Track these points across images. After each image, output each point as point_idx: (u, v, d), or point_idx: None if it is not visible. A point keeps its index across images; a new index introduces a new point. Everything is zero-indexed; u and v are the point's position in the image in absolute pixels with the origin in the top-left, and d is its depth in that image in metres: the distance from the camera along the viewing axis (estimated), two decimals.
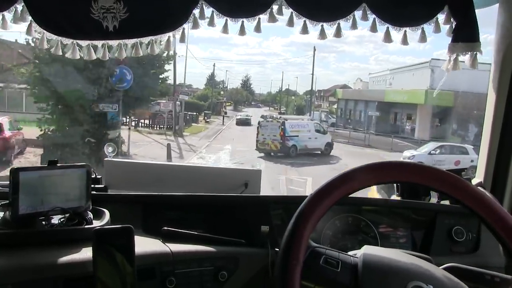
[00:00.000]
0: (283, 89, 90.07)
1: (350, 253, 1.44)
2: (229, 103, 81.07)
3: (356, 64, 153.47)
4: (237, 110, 73.58)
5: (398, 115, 38.43)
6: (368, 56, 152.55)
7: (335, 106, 63.78)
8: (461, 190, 1.20)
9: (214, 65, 77.49)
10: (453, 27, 2.09)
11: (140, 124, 32.01)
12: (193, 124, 39.36)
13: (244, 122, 45.63)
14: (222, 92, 73.60)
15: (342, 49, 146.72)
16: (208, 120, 45.65)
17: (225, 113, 58.32)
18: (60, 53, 2.07)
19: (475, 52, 2.07)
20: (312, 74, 59.39)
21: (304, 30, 2.08)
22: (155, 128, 31.91)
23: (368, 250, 1.30)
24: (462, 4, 2.04)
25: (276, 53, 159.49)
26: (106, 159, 2.29)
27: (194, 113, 43.04)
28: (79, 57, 2.09)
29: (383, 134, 32.37)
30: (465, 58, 2.10)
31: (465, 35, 2.07)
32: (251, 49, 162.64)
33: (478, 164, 2.25)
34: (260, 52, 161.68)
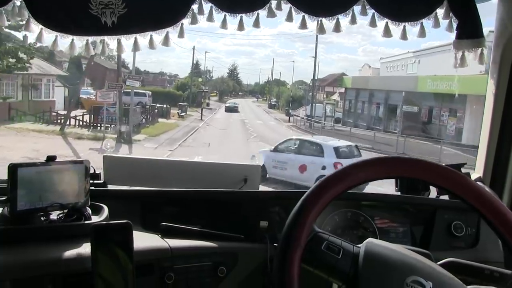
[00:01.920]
0: (271, 80, 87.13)
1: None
2: (214, 94, 77.07)
3: (345, 55, 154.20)
4: (223, 101, 70.57)
5: (435, 110, 28.92)
6: (356, 47, 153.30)
7: (334, 97, 55.52)
8: (461, 185, 1.20)
9: (193, 48, 62.40)
10: (452, 22, 2.09)
11: (77, 122, 25.61)
12: (160, 120, 32.56)
13: (232, 109, 49.09)
14: (200, 79, 65.52)
15: (330, 40, 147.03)
16: (182, 114, 38.92)
17: (208, 104, 55.26)
18: (58, 48, 2.07)
19: (481, 48, 2.08)
20: (315, 56, 46.80)
21: (303, 26, 2.08)
22: (100, 128, 24.67)
23: (371, 242, 1.30)
24: None
25: (264, 44, 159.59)
26: (104, 154, 2.29)
27: (164, 106, 36.67)
28: (77, 53, 2.09)
29: (419, 137, 25.52)
30: (471, 55, 2.11)
31: (469, 31, 2.07)
32: (239, 39, 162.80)
33: (477, 159, 2.24)
34: (248, 43, 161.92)
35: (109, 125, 24.59)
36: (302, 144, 15.45)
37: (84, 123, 25.99)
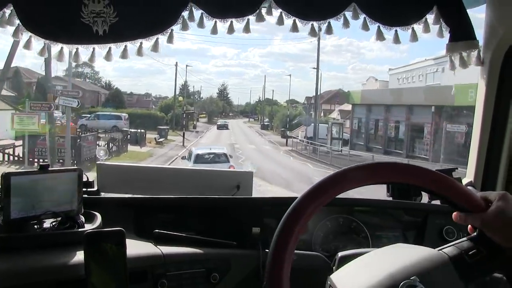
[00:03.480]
0: (263, 99, 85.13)
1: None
2: (203, 115, 75.01)
3: (334, 73, 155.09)
4: (212, 122, 68.96)
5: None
6: (346, 65, 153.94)
7: (333, 115, 48.49)
8: (453, 190, 1.20)
9: (176, 64, 54.26)
10: (442, 28, 2.11)
11: (6, 156, 20.07)
12: (131, 148, 26.82)
13: (223, 126, 54.82)
14: (181, 98, 57.06)
15: (320, 58, 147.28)
16: (161, 140, 32.87)
17: (194, 126, 53.56)
18: (47, 55, 2.07)
19: (477, 50, 2.12)
20: (317, 66, 39.76)
21: (294, 29, 2.09)
22: (33, 163, 18.32)
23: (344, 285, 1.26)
24: (450, 4, 2.06)
25: (254, 64, 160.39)
26: (98, 162, 2.30)
27: (138, 131, 30.57)
28: (66, 60, 2.09)
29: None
30: (467, 56, 2.14)
31: (462, 34, 2.10)
32: (229, 60, 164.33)
33: (468, 163, 2.25)
34: (238, 64, 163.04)
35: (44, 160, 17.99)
36: (190, 153, 20.81)
37: (17, 158, 20.08)
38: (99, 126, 29.17)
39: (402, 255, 1.25)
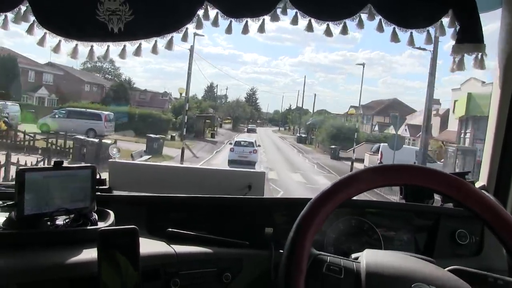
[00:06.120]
0: (293, 108, 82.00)
1: (353, 255, 1.45)
2: (228, 120, 70.06)
3: (365, 86, 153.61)
4: (237, 129, 61.74)
5: None
6: (376, 78, 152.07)
7: (390, 130, 35.87)
8: (466, 193, 1.20)
9: (191, 49, 34.20)
10: (457, 30, 2.11)
11: None
12: None
13: (251, 130, 59.87)
14: (182, 90, 37.26)
15: (351, 71, 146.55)
16: (143, 159, 20.51)
17: (213, 135, 43.31)
18: (62, 53, 2.09)
19: (481, 53, 2.10)
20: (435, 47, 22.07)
21: (309, 28, 2.10)
22: None
23: (370, 255, 1.30)
24: (466, 7, 2.06)
25: (284, 73, 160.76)
26: (110, 160, 2.30)
27: (103, 141, 20.35)
28: (79, 58, 2.10)
29: None
30: (471, 59, 2.14)
31: (470, 36, 2.10)
32: (259, 67, 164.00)
33: (481, 167, 2.24)
34: (268, 71, 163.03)
35: None
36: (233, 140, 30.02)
37: None
38: (71, 127, 22.50)
39: (439, 270, 1.26)
